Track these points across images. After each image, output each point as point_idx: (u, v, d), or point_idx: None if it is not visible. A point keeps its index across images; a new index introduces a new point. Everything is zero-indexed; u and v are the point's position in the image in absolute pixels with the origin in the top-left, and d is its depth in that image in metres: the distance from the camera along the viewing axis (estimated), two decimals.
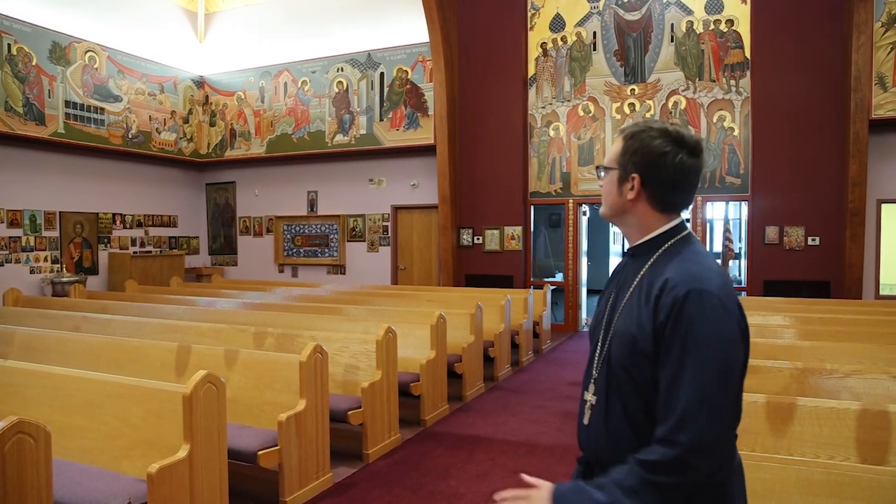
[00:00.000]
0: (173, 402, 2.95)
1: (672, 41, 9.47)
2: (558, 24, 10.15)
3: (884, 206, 8.51)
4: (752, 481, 2.24)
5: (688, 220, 9.57)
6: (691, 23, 9.35)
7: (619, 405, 1.39)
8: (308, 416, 3.73)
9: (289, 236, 12.35)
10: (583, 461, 1.54)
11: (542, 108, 10.27)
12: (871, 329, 4.76)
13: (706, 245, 9.55)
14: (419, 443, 4.77)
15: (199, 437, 2.89)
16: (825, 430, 2.59)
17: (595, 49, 9.95)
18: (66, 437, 3.23)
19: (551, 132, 10.21)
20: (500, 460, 4.39)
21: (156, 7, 11.62)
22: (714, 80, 9.27)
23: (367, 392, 4.39)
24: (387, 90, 10.94)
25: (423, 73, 10.64)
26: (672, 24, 9.47)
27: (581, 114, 10.03)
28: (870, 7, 8.00)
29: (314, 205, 12.11)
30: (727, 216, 10.61)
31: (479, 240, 10.60)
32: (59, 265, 10.26)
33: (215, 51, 12.44)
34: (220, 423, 3.03)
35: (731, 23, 9.16)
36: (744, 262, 9.94)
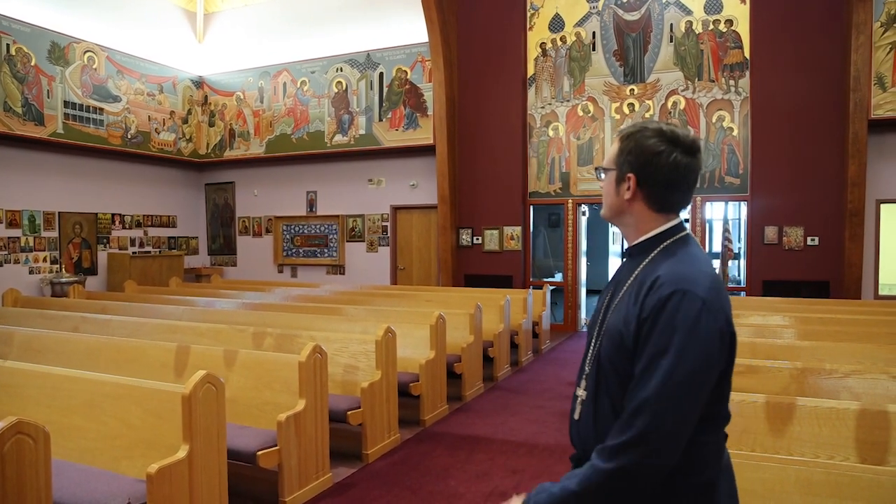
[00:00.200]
0: (172, 402, 2.95)
1: (671, 41, 9.48)
2: (557, 24, 10.15)
3: (883, 206, 8.52)
4: (751, 481, 2.25)
5: (687, 221, 9.62)
6: (690, 23, 9.36)
7: (607, 401, 1.40)
8: (307, 416, 3.72)
9: (288, 236, 12.35)
10: (574, 458, 1.54)
11: (542, 108, 10.27)
12: (870, 329, 4.76)
13: (705, 245, 9.55)
14: (418, 443, 4.77)
15: (198, 437, 2.89)
16: (825, 430, 2.59)
17: (594, 49, 9.95)
18: (65, 437, 3.23)
19: (550, 132, 10.21)
20: (500, 460, 4.39)
21: (155, 7, 11.61)
22: (713, 80, 9.27)
23: (367, 392, 4.39)
24: (386, 90, 10.94)
25: (422, 73, 10.64)
26: (671, 24, 9.47)
27: (580, 114, 10.03)
28: (869, 7, 8.01)
29: (313, 205, 12.10)
30: (726, 216, 10.61)
31: (478, 240, 10.60)
32: (58, 265, 10.26)
33: (214, 51, 12.44)
34: (220, 424, 3.03)
35: (730, 23, 9.16)
36: (743, 262, 9.94)
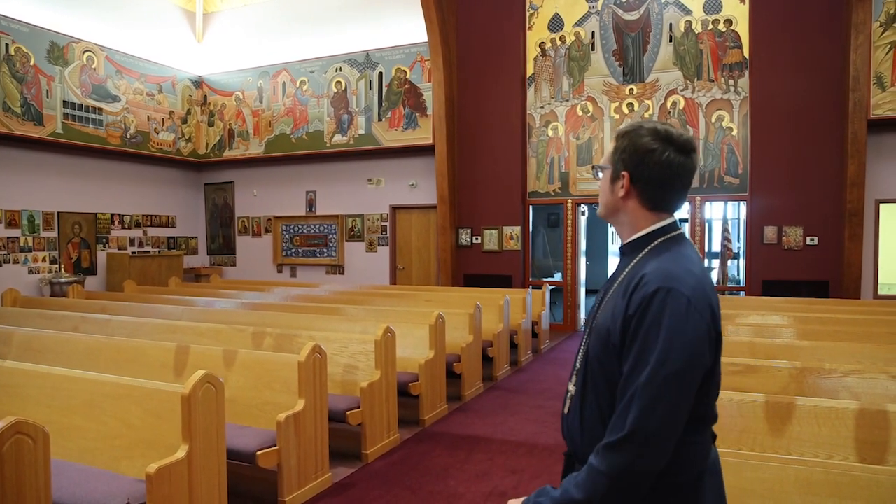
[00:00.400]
0: (172, 402, 2.95)
1: (671, 41, 9.48)
2: (557, 23, 10.15)
3: (882, 205, 8.52)
4: (750, 481, 2.25)
5: (686, 221, 9.63)
6: (690, 22, 9.36)
7: (593, 397, 1.42)
8: (307, 416, 3.72)
9: (287, 236, 12.35)
10: (567, 454, 1.55)
11: (541, 107, 10.27)
12: (869, 329, 4.77)
13: (704, 245, 9.55)
14: (418, 443, 4.77)
15: (197, 437, 2.88)
16: (824, 430, 2.59)
17: (593, 49, 9.95)
18: (64, 437, 3.23)
19: (550, 132, 10.21)
20: (499, 460, 4.39)
21: (154, 7, 11.60)
22: (712, 80, 9.27)
23: (366, 392, 4.39)
24: (385, 90, 10.94)
25: (421, 72, 10.63)
26: (670, 24, 9.47)
27: (579, 114, 10.03)
28: (868, 7, 8.01)
29: (313, 205, 12.10)
30: (725, 216, 10.61)
31: (477, 240, 10.60)
32: (57, 265, 10.25)
33: (214, 51, 12.43)
34: (219, 424, 3.02)
35: (729, 22, 9.16)
36: (742, 261, 9.95)
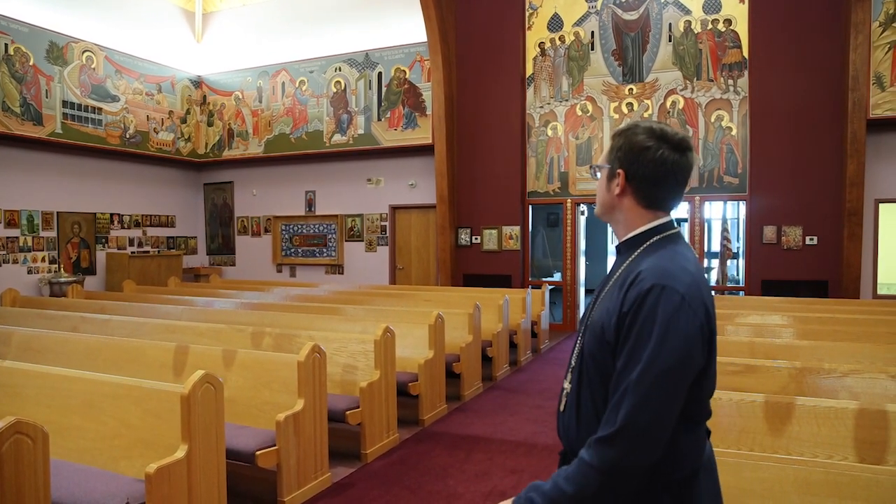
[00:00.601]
0: (171, 402, 2.95)
1: (670, 41, 9.48)
2: (556, 23, 10.15)
3: (881, 205, 8.53)
4: (750, 481, 2.25)
5: (685, 220, 9.63)
6: (689, 22, 9.36)
7: (588, 394, 1.42)
8: (306, 415, 3.72)
9: (287, 236, 12.34)
10: (562, 453, 1.55)
11: (540, 107, 10.27)
12: (868, 329, 4.77)
13: (704, 244, 9.55)
14: (417, 443, 4.77)
15: (197, 437, 2.88)
16: (823, 430, 2.59)
17: (593, 49, 9.95)
18: (64, 437, 3.23)
19: (549, 132, 10.21)
20: (499, 460, 4.39)
21: (153, 7, 11.60)
22: (712, 80, 9.27)
23: (366, 392, 4.39)
24: (385, 90, 10.93)
25: (420, 72, 10.63)
26: (670, 24, 9.48)
27: (579, 113, 10.03)
28: (867, 6, 8.01)
29: (312, 205, 12.10)
30: (725, 216, 10.61)
31: (477, 239, 10.60)
32: (56, 265, 10.24)
33: (213, 51, 12.42)
34: (219, 423, 3.02)
35: (728, 22, 9.16)
36: (742, 261, 9.95)
